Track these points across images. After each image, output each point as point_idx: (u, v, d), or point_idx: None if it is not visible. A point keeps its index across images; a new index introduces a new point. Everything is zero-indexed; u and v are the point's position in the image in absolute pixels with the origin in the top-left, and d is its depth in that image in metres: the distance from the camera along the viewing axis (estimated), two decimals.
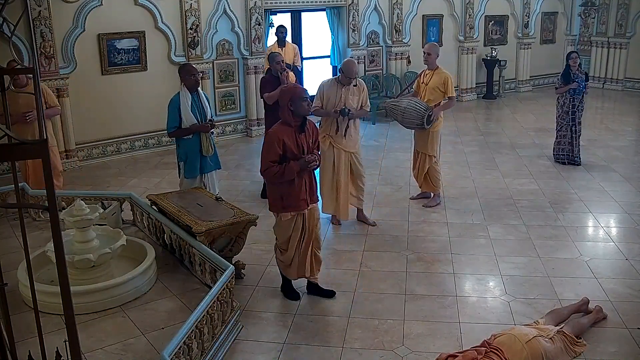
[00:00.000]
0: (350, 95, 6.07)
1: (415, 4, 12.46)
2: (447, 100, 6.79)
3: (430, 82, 6.74)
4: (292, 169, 4.45)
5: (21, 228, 2.56)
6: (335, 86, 6.08)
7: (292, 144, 4.49)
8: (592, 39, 14.84)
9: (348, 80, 6.00)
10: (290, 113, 4.49)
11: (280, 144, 4.45)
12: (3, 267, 2.68)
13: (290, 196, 4.56)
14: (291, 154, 4.48)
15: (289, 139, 4.49)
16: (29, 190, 6.35)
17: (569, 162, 8.44)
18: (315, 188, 4.82)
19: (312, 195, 4.72)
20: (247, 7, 10.17)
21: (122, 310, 4.57)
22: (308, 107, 4.55)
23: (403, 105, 6.65)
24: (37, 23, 8.22)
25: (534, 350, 3.77)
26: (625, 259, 5.57)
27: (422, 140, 6.93)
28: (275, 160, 4.46)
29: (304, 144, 4.56)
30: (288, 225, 4.68)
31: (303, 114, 4.52)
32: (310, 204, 4.70)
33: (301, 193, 4.59)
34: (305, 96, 4.51)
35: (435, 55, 6.78)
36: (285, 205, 4.60)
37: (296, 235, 4.71)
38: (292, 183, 4.52)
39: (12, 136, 1.81)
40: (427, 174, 7.00)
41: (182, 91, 5.96)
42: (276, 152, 4.44)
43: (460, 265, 5.48)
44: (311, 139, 4.67)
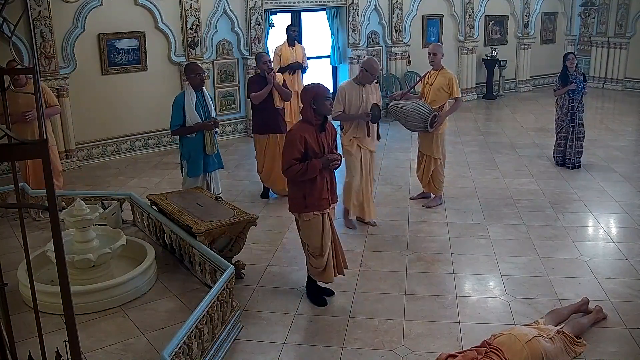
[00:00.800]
0: (370, 94, 6.04)
1: (415, 4, 12.46)
2: (452, 102, 6.74)
3: (434, 82, 6.67)
4: (314, 166, 4.44)
5: (21, 228, 2.56)
6: (355, 87, 6.01)
7: (313, 143, 4.49)
8: (592, 39, 14.84)
9: (372, 78, 5.96)
10: (313, 111, 4.50)
11: (302, 142, 4.45)
12: (3, 267, 2.68)
13: (312, 195, 4.53)
14: (312, 152, 4.48)
15: (311, 138, 4.49)
16: (29, 190, 6.35)
17: (570, 165, 8.27)
18: (336, 187, 4.80)
19: (332, 194, 4.71)
20: (247, 7, 10.17)
21: (122, 310, 4.57)
22: (330, 106, 4.56)
23: (407, 108, 6.54)
24: (37, 23, 8.22)
25: (534, 350, 3.77)
26: (625, 259, 5.57)
27: (427, 143, 6.87)
28: (298, 159, 4.44)
29: (324, 143, 4.58)
30: (316, 226, 4.59)
31: (325, 113, 4.53)
32: (331, 203, 4.70)
33: (323, 192, 4.57)
34: (328, 95, 4.52)
35: (441, 55, 6.71)
36: (307, 204, 4.55)
37: (328, 238, 4.65)
38: (314, 181, 4.51)
39: (12, 136, 1.81)
40: (432, 176, 6.95)
41: (187, 90, 5.99)
42: (299, 150, 4.44)
43: (460, 265, 5.48)
44: (331, 138, 4.69)
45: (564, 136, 8.33)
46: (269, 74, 6.84)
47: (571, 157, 8.30)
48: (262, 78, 6.93)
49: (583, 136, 8.32)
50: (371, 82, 6.02)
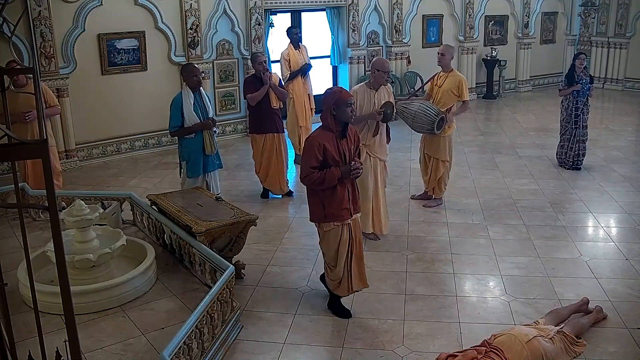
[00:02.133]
0: (382, 99, 5.78)
1: (415, 4, 12.46)
2: (461, 105, 6.69)
3: (444, 84, 6.59)
4: (333, 175, 4.23)
5: (21, 228, 2.56)
6: (367, 92, 5.75)
7: (333, 150, 4.27)
8: (592, 39, 14.84)
9: (385, 76, 5.69)
10: (333, 117, 4.29)
11: (320, 149, 4.24)
12: (3, 267, 2.68)
13: (331, 205, 4.33)
14: (332, 160, 4.27)
15: (330, 145, 4.27)
16: (29, 190, 6.35)
17: (568, 167, 8.25)
18: (359, 197, 4.58)
19: (355, 204, 4.47)
20: (247, 7, 10.17)
21: (122, 310, 4.57)
22: (352, 113, 4.32)
23: (414, 109, 6.44)
24: (37, 23, 8.22)
25: (534, 350, 3.77)
26: (625, 259, 5.57)
27: (433, 146, 6.78)
28: (316, 167, 4.24)
29: (345, 150, 4.35)
30: (333, 238, 4.42)
31: (346, 120, 4.31)
32: (354, 213, 4.46)
33: (343, 202, 4.35)
34: (350, 102, 4.30)
35: (450, 57, 6.63)
36: (327, 214, 4.36)
37: (344, 249, 4.45)
38: (333, 190, 4.31)
39: (12, 136, 1.81)
40: (438, 179, 6.89)
41: (184, 91, 5.99)
42: (317, 158, 4.24)
43: (460, 265, 5.48)
44: (353, 145, 4.45)
45: (567, 138, 8.22)
46: (264, 75, 6.82)
47: (570, 158, 8.25)
48: (257, 79, 6.91)
49: (585, 139, 8.23)
50: (385, 81, 5.78)
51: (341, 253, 4.46)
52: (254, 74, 7.01)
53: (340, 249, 4.46)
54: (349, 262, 4.51)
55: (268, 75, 6.85)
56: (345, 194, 4.37)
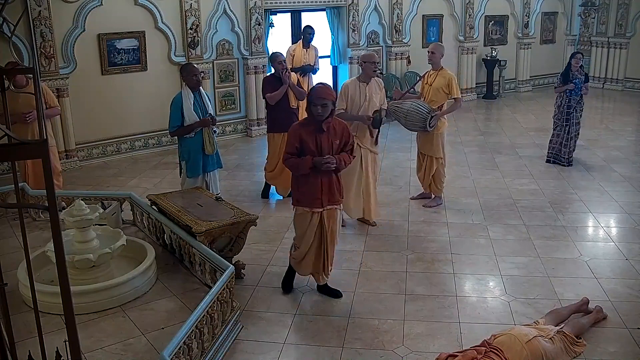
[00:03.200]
0: (374, 93, 5.99)
1: (415, 4, 12.46)
2: (452, 102, 6.72)
3: (434, 82, 6.66)
4: (305, 164, 4.53)
5: (21, 228, 2.56)
6: (358, 86, 5.97)
7: (310, 141, 4.55)
8: (592, 39, 14.84)
9: (373, 67, 5.88)
10: (310, 112, 4.58)
11: (297, 139, 4.56)
12: (3, 267, 2.68)
13: (303, 191, 4.64)
14: (309, 150, 4.55)
15: (307, 136, 4.55)
16: (29, 190, 6.35)
17: (554, 161, 8.47)
18: (338, 190, 4.74)
19: (331, 196, 4.68)
20: (247, 7, 10.17)
21: (122, 310, 4.57)
22: (316, 113, 4.49)
23: (406, 108, 6.55)
24: (37, 23, 8.22)
25: (534, 351, 3.77)
26: (625, 259, 5.57)
27: (427, 143, 6.85)
28: (293, 153, 4.58)
29: (323, 143, 4.57)
30: (302, 220, 4.72)
31: (315, 117, 4.53)
32: (328, 204, 4.67)
33: (316, 191, 4.60)
34: (317, 103, 4.47)
35: (440, 55, 6.69)
36: (298, 198, 4.70)
37: (311, 234, 4.71)
38: (307, 178, 4.59)
39: (12, 136, 1.81)
40: (433, 177, 6.95)
41: (184, 90, 6.00)
42: (293, 145, 4.57)
43: (460, 265, 5.48)
44: (338, 140, 4.65)
45: (557, 134, 8.45)
46: (284, 74, 6.85)
47: (565, 155, 8.41)
48: (276, 78, 6.93)
49: (576, 135, 8.43)
50: (374, 73, 5.94)
51: (307, 237, 4.73)
52: (273, 74, 7.04)
53: (307, 233, 4.72)
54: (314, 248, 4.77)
55: (287, 74, 6.88)
56: (318, 184, 4.61)
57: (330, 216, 4.74)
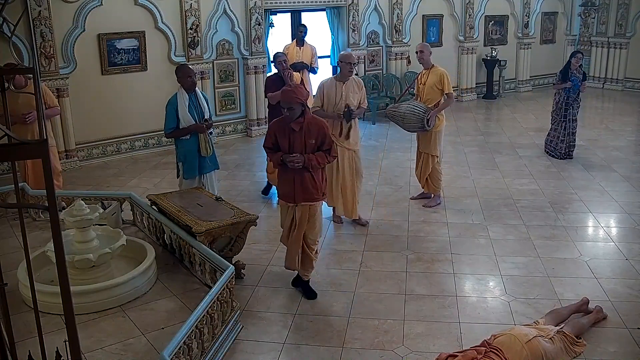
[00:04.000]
0: (351, 92, 6.06)
1: (415, 4, 12.46)
2: (445, 98, 6.74)
3: (427, 81, 6.71)
4: (275, 158, 4.81)
5: (21, 228, 2.56)
6: (335, 85, 6.08)
7: (283, 139, 4.75)
8: (592, 39, 14.83)
9: (348, 67, 5.97)
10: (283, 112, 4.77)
11: (272, 135, 4.82)
12: (3, 267, 2.68)
13: (281, 185, 4.91)
14: (282, 147, 4.77)
15: (281, 134, 4.76)
16: (29, 190, 6.35)
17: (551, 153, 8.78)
18: (314, 187, 4.78)
19: (305, 193, 4.77)
20: (247, 7, 10.17)
21: (122, 310, 4.57)
22: (285, 114, 4.69)
23: (402, 111, 6.66)
24: (37, 23, 8.22)
25: (534, 351, 3.77)
26: (625, 259, 5.57)
27: (425, 141, 6.90)
28: (269, 147, 4.87)
29: (296, 142, 4.72)
30: (282, 210, 4.98)
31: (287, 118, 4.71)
32: (302, 201, 4.79)
33: (289, 187, 4.78)
34: (283, 105, 4.68)
35: (429, 52, 6.74)
36: (278, 191, 5.05)
37: (287, 225, 4.92)
38: (283, 172, 4.81)
39: (12, 136, 1.81)
40: (429, 175, 6.97)
41: (179, 92, 5.97)
42: (269, 140, 4.86)
43: (460, 265, 5.48)
44: (313, 140, 4.75)
45: (554, 128, 8.78)
46: (284, 73, 6.86)
47: (562, 150, 8.71)
48: (279, 78, 6.95)
49: (575, 131, 8.70)
50: (349, 73, 6.03)
51: (286, 223, 4.95)
52: (277, 73, 7.05)
53: (285, 220, 4.96)
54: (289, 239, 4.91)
55: (288, 74, 6.88)
56: (291, 180, 4.78)
57: (305, 212, 4.82)
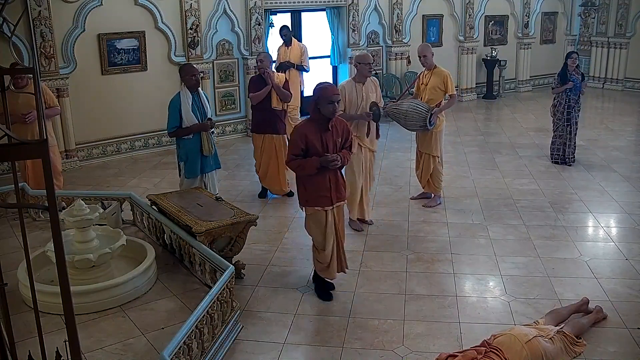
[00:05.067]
0: (370, 92, 6.05)
1: (415, 4, 12.46)
2: (448, 99, 6.74)
3: (429, 82, 6.67)
4: (312, 164, 4.53)
5: (21, 228, 2.56)
6: (354, 86, 6.02)
7: (316, 141, 4.55)
8: (592, 39, 14.83)
9: (367, 68, 5.94)
10: (317, 111, 4.56)
11: (303, 139, 4.54)
12: (3, 267, 2.68)
13: (312, 191, 4.65)
14: (314, 150, 4.55)
15: (313, 136, 4.55)
16: (29, 190, 6.35)
17: (561, 161, 8.46)
18: (344, 187, 4.81)
19: (338, 192, 4.73)
20: (247, 7, 10.17)
21: (122, 310, 4.57)
22: (333, 110, 4.50)
23: (404, 109, 6.56)
24: (37, 23, 8.22)
25: (534, 351, 3.77)
26: (625, 259, 5.57)
27: (425, 141, 6.88)
28: (298, 154, 4.56)
29: (329, 142, 4.60)
30: (317, 221, 4.72)
31: (327, 116, 4.53)
32: (336, 202, 4.72)
33: (324, 189, 4.63)
34: (333, 100, 4.48)
35: (431, 55, 6.69)
36: (308, 198, 4.69)
37: (331, 232, 4.74)
38: (314, 177, 4.60)
39: (12, 136, 1.81)
40: (430, 175, 6.97)
41: (182, 91, 5.99)
42: (298, 147, 4.55)
43: (460, 265, 5.48)
44: (340, 138, 4.68)
45: (559, 135, 8.46)
46: (264, 74, 6.85)
47: (570, 155, 8.44)
48: (262, 78, 6.96)
49: (576, 134, 8.47)
50: (369, 73, 6.01)
51: (328, 236, 4.74)
52: (260, 74, 7.04)
53: (327, 232, 4.73)
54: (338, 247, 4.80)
55: (268, 74, 6.87)
56: (326, 182, 4.64)
57: (340, 213, 4.81)
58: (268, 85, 6.89)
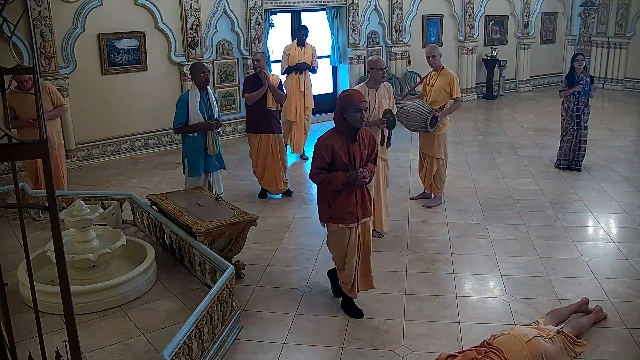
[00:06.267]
0: (383, 99, 5.78)
1: (415, 4, 12.46)
2: (452, 103, 6.71)
3: (435, 83, 6.62)
4: (338, 179, 4.24)
5: (21, 228, 2.56)
6: (367, 92, 5.66)
7: (342, 153, 4.25)
8: (592, 39, 14.84)
9: (381, 73, 5.66)
10: (343, 120, 4.27)
11: (328, 151, 4.24)
12: (3, 267, 2.68)
13: (337, 207, 4.35)
14: (341, 163, 4.25)
15: (339, 147, 4.26)
16: (29, 190, 6.36)
17: (569, 167, 8.19)
18: (370, 201, 4.55)
19: (364, 208, 4.44)
20: (247, 7, 10.17)
21: (122, 310, 4.57)
22: (361, 118, 4.22)
23: (407, 108, 6.49)
24: (37, 23, 8.22)
25: (534, 351, 3.77)
26: (625, 259, 5.57)
27: (428, 143, 6.83)
28: (323, 168, 4.26)
29: (356, 154, 4.30)
30: (340, 238, 4.43)
31: (355, 125, 4.24)
32: (362, 218, 4.43)
33: (350, 205, 4.33)
34: (360, 107, 4.20)
35: (439, 56, 6.66)
36: (332, 215, 4.38)
37: (353, 252, 4.45)
38: (339, 193, 4.31)
39: (12, 136, 1.81)
40: (434, 177, 6.94)
41: (192, 89, 6.02)
42: (323, 160, 4.25)
43: (460, 265, 5.48)
44: (367, 149, 4.39)
45: (568, 139, 8.14)
46: (261, 74, 6.84)
47: (578, 159, 8.17)
48: (257, 78, 6.92)
49: (586, 139, 8.18)
50: (382, 79, 5.75)
51: (350, 255, 4.46)
52: (255, 74, 7.02)
53: (348, 251, 4.45)
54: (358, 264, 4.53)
55: (264, 75, 6.84)
56: (352, 197, 4.34)
57: (366, 229, 4.52)
58: (264, 85, 6.85)
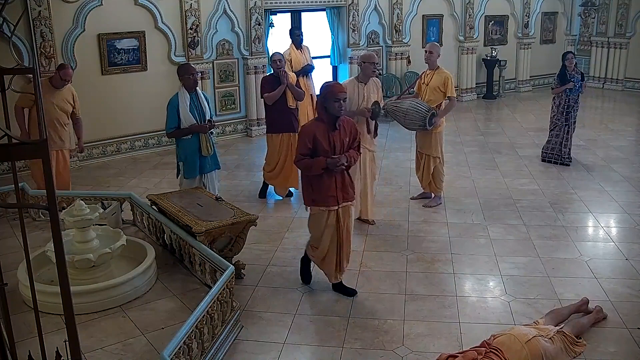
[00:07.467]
0: (372, 93, 6.06)
1: (415, 4, 12.46)
2: (447, 102, 6.74)
3: (430, 82, 6.70)
4: (318, 164, 4.56)
5: (21, 228, 2.56)
6: (356, 86, 6.04)
7: (323, 140, 4.58)
8: (592, 39, 14.83)
9: (372, 67, 5.94)
10: (324, 110, 4.60)
11: (310, 139, 4.58)
12: (3, 267, 2.68)
13: (318, 190, 4.67)
14: (322, 150, 4.58)
15: (321, 135, 4.59)
16: (29, 190, 6.36)
17: (558, 162, 8.46)
18: (351, 186, 4.83)
19: (345, 192, 4.75)
20: (247, 7, 10.17)
21: (122, 310, 4.57)
22: (339, 108, 4.56)
23: (404, 107, 6.57)
24: (37, 23, 8.22)
25: (534, 351, 3.77)
26: (625, 259, 5.57)
27: (425, 142, 6.88)
28: (306, 154, 4.60)
29: (336, 142, 4.63)
30: (318, 220, 4.76)
31: (334, 114, 4.58)
32: (342, 202, 4.74)
33: (330, 189, 4.66)
34: (339, 97, 4.54)
35: (437, 55, 6.74)
36: (314, 198, 4.71)
37: (328, 234, 4.77)
38: (321, 177, 4.63)
39: (11, 136, 1.81)
40: (432, 176, 6.97)
41: (180, 91, 5.96)
42: (306, 146, 4.59)
43: (460, 265, 5.48)
44: (348, 137, 4.71)
45: (556, 134, 8.49)
46: (280, 72, 6.85)
47: (566, 155, 8.46)
48: (275, 78, 6.93)
49: (573, 133, 8.50)
50: (373, 73, 6.00)
51: (325, 236, 4.78)
52: (272, 74, 7.03)
53: (324, 233, 4.77)
54: (339, 246, 4.82)
55: (284, 74, 6.87)
56: (332, 182, 4.66)
57: (345, 213, 4.82)
58: (282, 84, 6.87)
